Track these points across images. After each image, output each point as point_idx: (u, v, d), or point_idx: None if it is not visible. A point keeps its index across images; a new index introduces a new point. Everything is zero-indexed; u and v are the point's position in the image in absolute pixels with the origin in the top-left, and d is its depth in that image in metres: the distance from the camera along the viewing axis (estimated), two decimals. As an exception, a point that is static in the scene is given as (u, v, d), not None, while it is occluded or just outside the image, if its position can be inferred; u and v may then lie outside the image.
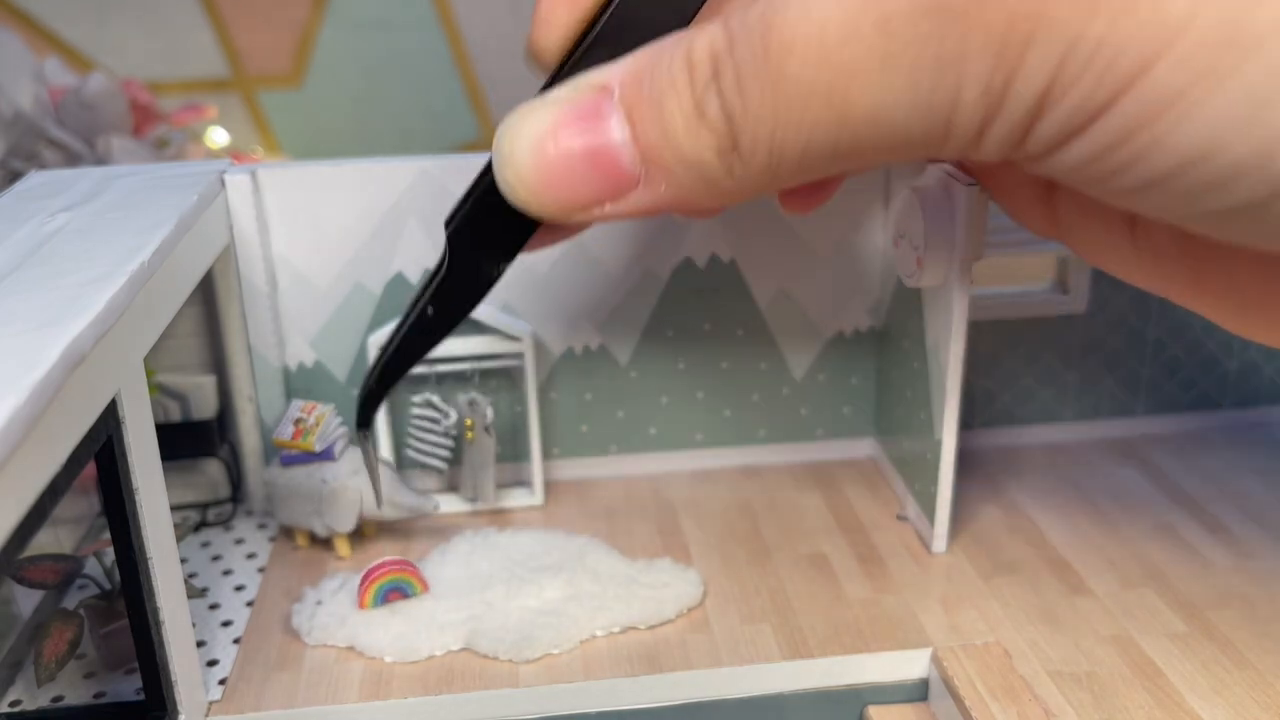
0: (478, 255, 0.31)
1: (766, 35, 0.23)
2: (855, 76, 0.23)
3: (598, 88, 0.26)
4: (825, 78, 0.23)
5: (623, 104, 0.26)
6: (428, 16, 0.91)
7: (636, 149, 0.26)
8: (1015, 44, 0.21)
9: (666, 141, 0.25)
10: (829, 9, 0.23)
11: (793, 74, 0.23)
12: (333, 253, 0.45)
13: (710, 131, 0.25)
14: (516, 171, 0.27)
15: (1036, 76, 0.22)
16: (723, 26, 0.24)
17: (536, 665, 0.38)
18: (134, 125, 0.77)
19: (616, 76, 0.26)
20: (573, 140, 0.26)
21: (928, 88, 0.22)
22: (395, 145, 0.93)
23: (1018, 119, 0.23)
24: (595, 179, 0.26)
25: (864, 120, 0.23)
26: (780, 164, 0.25)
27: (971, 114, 0.23)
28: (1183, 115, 0.21)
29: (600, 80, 0.26)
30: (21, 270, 0.31)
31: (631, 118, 0.25)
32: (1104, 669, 0.37)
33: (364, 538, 0.45)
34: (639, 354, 0.48)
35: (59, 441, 0.27)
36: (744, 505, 0.48)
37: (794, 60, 0.23)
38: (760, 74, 0.23)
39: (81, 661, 0.38)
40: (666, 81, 0.25)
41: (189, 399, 0.46)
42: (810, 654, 0.38)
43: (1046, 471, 0.50)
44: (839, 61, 0.23)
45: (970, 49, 0.22)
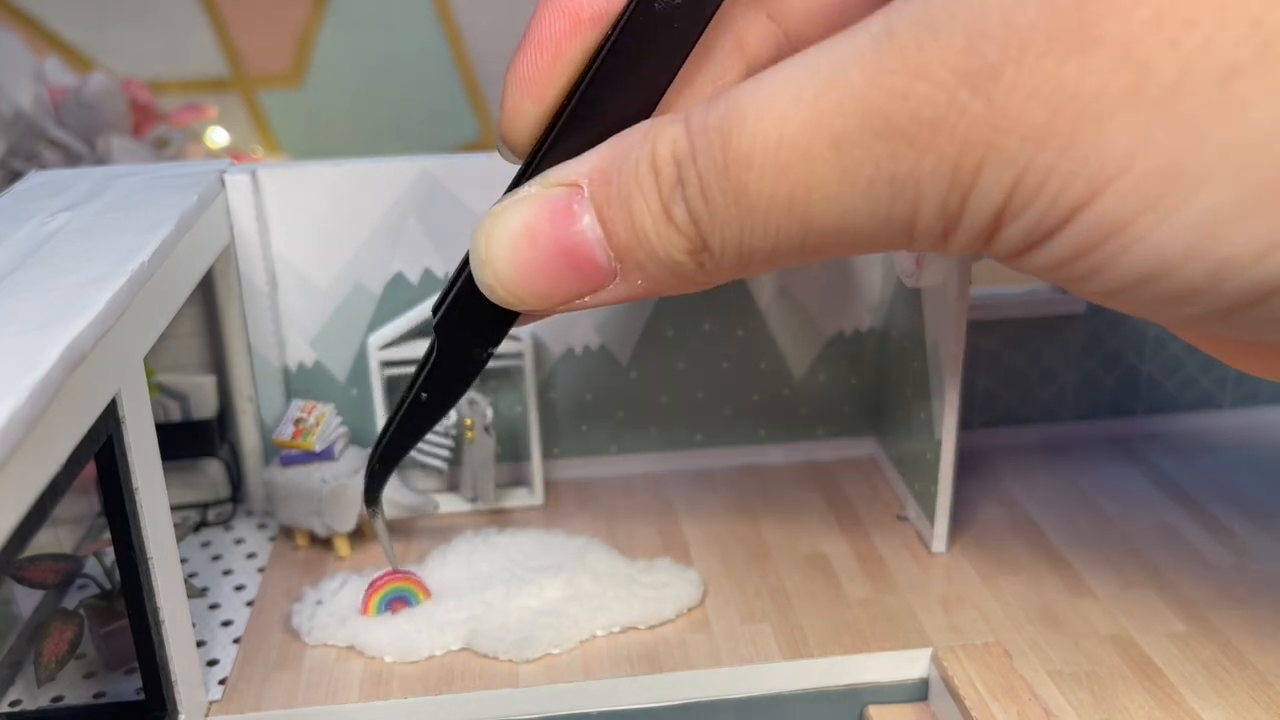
0: (465, 341, 0.32)
1: (725, 146, 0.24)
2: (814, 190, 0.23)
3: (568, 184, 0.27)
4: (784, 191, 0.23)
5: (593, 202, 0.26)
6: (428, 16, 0.91)
7: (610, 246, 0.26)
8: (966, 170, 0.22)
9: (638, 242, 0.26)
10: (783, 125, 0.23)
11: (753, 186, 0.24)
12: (333, 253, 0.45)
13: (680, 234, 0.25)
14: (495, 273, 0.28)
15: (990, 197, 0.22)
16: (685, 129, 0.25)
17: (536, 665, 0.38)
18: (134, 125, 0.77)
19: (585, 174, 0.26)
20: (547, 240, 0.27)
21: (885, 203, 0.23)
22: (395, 145, 0.93)
23: (976, 231, 0.23)
24: (572, 276, 0.27)
25: (826, 228, 0.24)
26: (750, 262, 0.25)
27: (930, 226, 0.23)
28: (1133, 240, 0.21)
29: (569, 177, 0.27)
30: (21, 270, 0.31)
31: (602, 217, 0.26)
32: (1104, 669, 0.37)
33: (364, 538, 0.45)
34: (639, 354, 0.48)
35: (59, 441, 0.27)
36: (744, 505, 0.48)
37: (753, 173, 0.23)
38: (722, 184, 0.24)
39: (81, 661, 0.38)
40: (634, 184, 0.25)
41: (189, 399, 0.46)
42: (810, 654, 0.38)
43: (1047, 471, 0.50)
44: (796, 176, 0.23)
45: (923, 170, 0.22)
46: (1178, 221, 0.21)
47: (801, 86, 0.23)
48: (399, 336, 0.45)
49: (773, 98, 0.23)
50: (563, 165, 0.27)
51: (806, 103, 0.23)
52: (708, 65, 0.31)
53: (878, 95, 0.22)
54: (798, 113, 0.23)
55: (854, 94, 0.22)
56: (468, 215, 0.45)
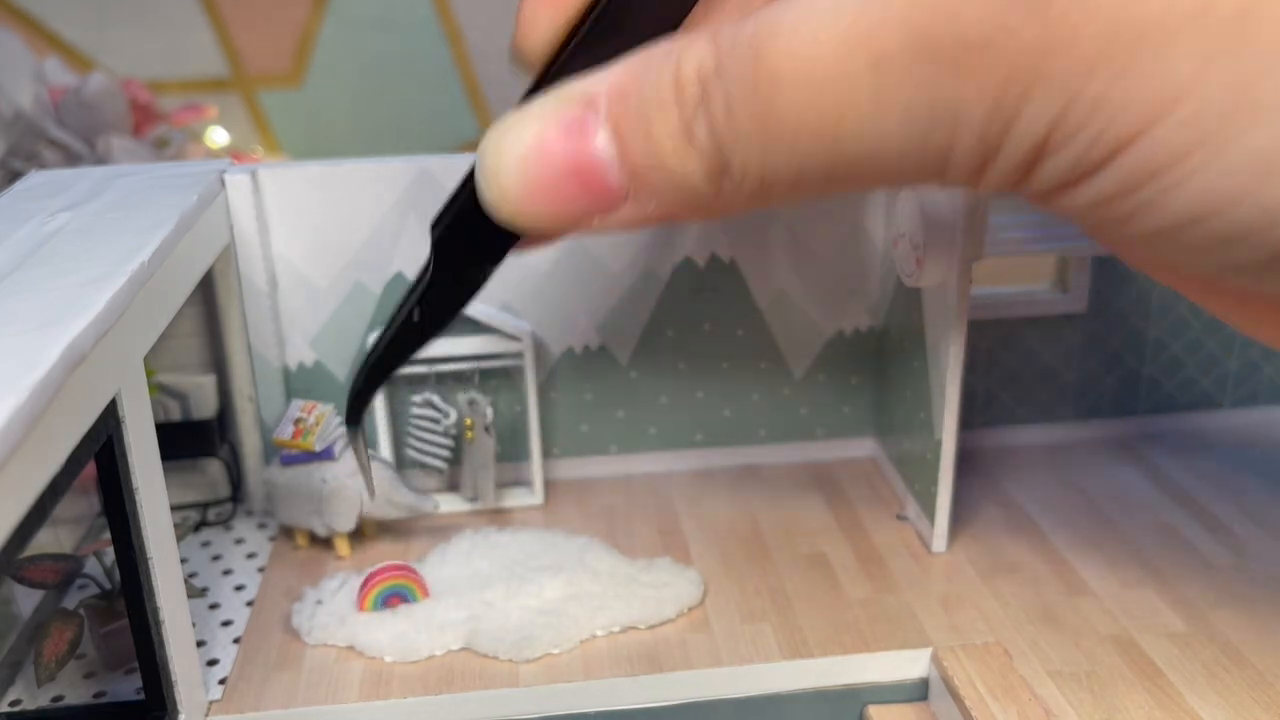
0: (463, 259, 0.30)
1: (756, 64, 0.23)
2: (846, 112, 0.22)
3: (583, 101, 0.25)
4: (815, 111, 0.22)
5: (609, 119, 0.25)
6: (428, 16, 0.91)
7: (623, 167, 0.25)
8: (1011, 96, 0.21)
9: (654, 162, 0.24)
10: (820, 42, 0.22)
11: (782, 105, 0.22)
12: (333, 252, 0.45)
13: (699, 155, 0.24)
14: (501, 187, 0.26)
15: (1033, 128, 0.21)
16: (712, 45, 0.23)
17: (536, 665, 0.38)
18: (134, 125, 0.77)
19: (602, 89, 0.25)
20: (557, 157, 0.25)
21: (922, 130, 0.22)
22: (395, 145, 0.93)
23: (1014, 164, 0.22)
24: (581, 196, 0.26)
25: (856, 154, 0.23)
26: (772, 188, 0.24)
27: (967, 157, 0.22)
28: (1183, 176, 0.21)
29: (585, 92, 0.25)
30: (22, 270, 0.31)
31: (618, 134, 0.25)
32: (1104, 669, 0.37)
33: (364, 537, 0.45)
34: (639, 354, 0.48)
35: (59, 441, 0.27)
36: (744, 505, 0.48)
37: (783, 92, 0.22)
38: (749, 102, 0.23)
39: (81, 661, 0.38)
40: (654, 100, 0.24)
41: (189, 399, 0.46)
42: (810, 654, 0.38)
43: (1046, 471, 0.50)
44: (829, 97, 0.22)
45: (966, 96, 0.21)
46: (1234, 157, 0.20)
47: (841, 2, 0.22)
48: (399, 336, 0.45)
49: (809, 14, 0.22)
50: (580, 80, 0.25)
51: (846, 20, 0.22)
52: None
53: (922, 14, 0.21)
54: (835, 30, 0.22)
55: (897, 12, 0.21)
56: (468, 215, 0.45)
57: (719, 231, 0.46)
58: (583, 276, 0.47)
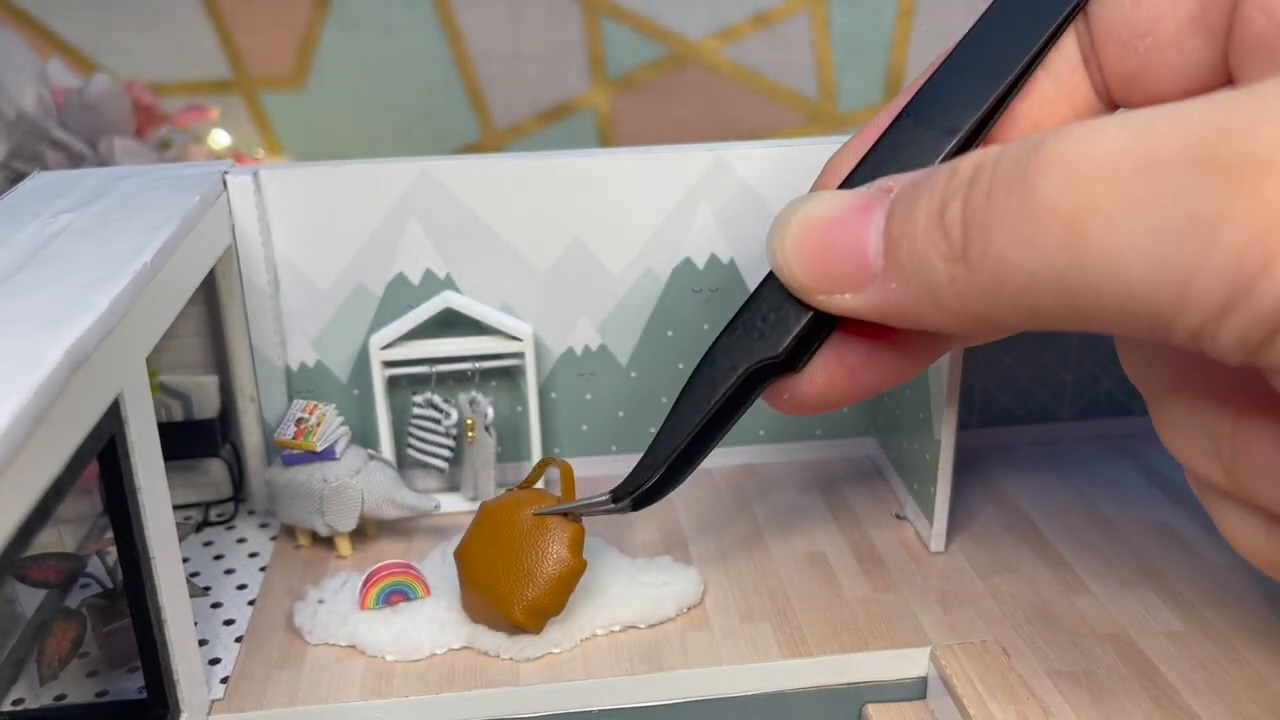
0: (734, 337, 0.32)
1: (1034, 152, 0.23)
2: (1098, 211, 0.21)
3: (881, 187, 0.27)
4: (1068, 204, 0.22)
5: (893, 202, 0.27)
6: (429, 18, 0.91)
7: (884, 242, 0.26)
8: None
9: (904, 236, 0.26)
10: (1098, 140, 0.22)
11: (1040, 193, 0.22)
12: (334, 253, 0.45)
13: (944, 235, 0.25)
14: (784, 239, 0.29)
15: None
16: (1003, 146, 0.24)
17: (537, 664, 0.38)
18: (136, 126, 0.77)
19: (902, 180, 0.27)
20: (835, 224, 0.27)
21: (1172, 244, 0.21)
22: (396, 146, 0.93)
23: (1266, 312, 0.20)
24: (843, 264, 0.27)
25: (1094, 264, 0.22)
26: (1002, 287, 0.24)
27: (1212, 288, 0.20)
28: None
29: (888, 181, 0.27)
30: (25, 271, 0.31)
31: (892, 211, 0.26)
32: (1102, 668, 0.37)
33: (365, 537, 0.45)
34: (639, 354, 0.48)
35: (62, 441, 0.27)
36: (744, 505, 0.48)
37: (1045, 180, 0.22)
38: (1011, 186, 0.23)
39: (84, 660, 0.38)
40: (928, 185, 0.25)
41: (191, 399, 0.46)
42: (809, 652, 0.38)
43: (1045, 470, 0.50)
44: (1087, 193, 0.22)
45: (1232, 215, 0.20)
46: None
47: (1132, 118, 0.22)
48: (400, 337, 0.46)
49: (1098, 124, 0.22)
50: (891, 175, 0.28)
51: (1131, 129, 0.21)
52: None
53: (1211, 131, 0.20)
54: (1118, 136, 0.22)
55: (1186, 127, 0.21)
56: (469, 216, 0.45)
57: (719, 231, 0.46)
58: (583, 276, 0.47)
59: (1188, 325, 0.21)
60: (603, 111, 0.95)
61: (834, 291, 0.28)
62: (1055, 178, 0.22)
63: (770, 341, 0.31)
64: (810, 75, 0.95)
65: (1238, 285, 0.20)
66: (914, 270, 0.26)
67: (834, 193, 0.28)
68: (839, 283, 0.28)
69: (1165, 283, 0.21)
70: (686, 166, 0.45)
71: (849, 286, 0.27)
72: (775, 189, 0.46)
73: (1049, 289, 0.23)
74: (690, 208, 0.46)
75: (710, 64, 0.94)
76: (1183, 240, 0.20)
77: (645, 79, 0.94)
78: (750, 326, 0.31)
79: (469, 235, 0.45)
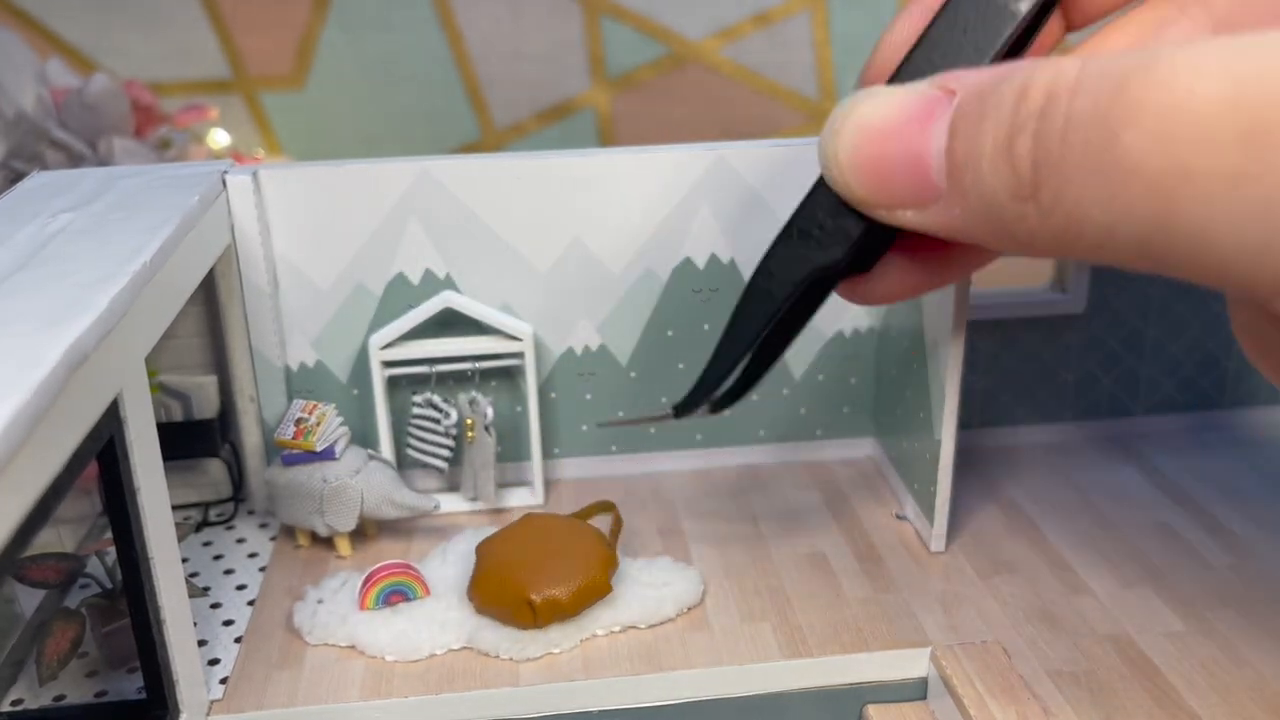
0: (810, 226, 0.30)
1: (1117, 92, 0.20)
2: (1193, 182, 0.19)
3: (944, 89, 0.24)
4: (1158, 164, 0.20)
5: (955, 112, 0.24)
6: (428, 17, 0.91)
7: (946, 161, 0.24)
8: None
9: (969, 163, 0.23)
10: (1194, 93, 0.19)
11: (1127, 142, 0.20)
12: (334, 253, 0.45)
13: (1012, 171, 0.22)
14: (835, 150, 0.26)
15: None
16: (1080, 64, 0.21)
17: (537, 664, 0.38)
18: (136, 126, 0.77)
19: (965, 83, 0.24)
20: (893, 135, 0.25)
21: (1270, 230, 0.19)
22: (396, 146, 0.94)
23: None
24: (903, 180, 0.25)
25: (1186, 230, 0.20)
26: (1078, 237, 0.22)
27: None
28: None
29: (947, 82, 0.25)
30: (24, 271, 0.31)
31: (954, 128, 0.24)
32: (1102, 668, 0.37)
33: (365, 537, 0.45)
34: (639, 354, 0.48)
35: (61, 441, 0.27)
36: (744, 505, 0.48)
37: (1129, 132, 0.20)
38: (1092, 128, 0.20)
39: (83, 660, 0.38)
40: (995, 102, 0.23)
41: (191, 399, 0.46)
42: (809, 653, 0.38)
43: (1045, 471, 0.50)
44: (1182, 154, 0.19)
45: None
46: None
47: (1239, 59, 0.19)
48: (400, 336, 0.46)
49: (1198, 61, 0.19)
50: (955, 71, 0.25)
51: (1235, 80, 0.19)
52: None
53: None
54: (1220, 87, 0.19)
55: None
56: (468, 216, 0.45)
57: (719, 231, 0.46)
58: (583, 276, 0.47)
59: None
60: (603, 111, 0.95)
61: (895, 207, 0.26)
62: (1142, 132, 0.20)
63: (830, 251, 0.29)
64: (810, 75, 0.95)
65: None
66: (980, 201, 0.23)
67: (890, 92, 0.25)
68: (900, 198, 0.25)
69: (1264, 265, 0.19)
70: (686, 166, 0.45)
71: (911, 203, 0.25)
72: (775, 189, 0.46)
73: (1131, 247, 0.21)
74: (690, 208, 0.46)
75: (710, 64, 0.94)
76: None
77: (645, 79, 0.94)
78: (806, 235, 0.29)
79: (469, 235, 0.45)
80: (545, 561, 0.39)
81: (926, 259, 0.30)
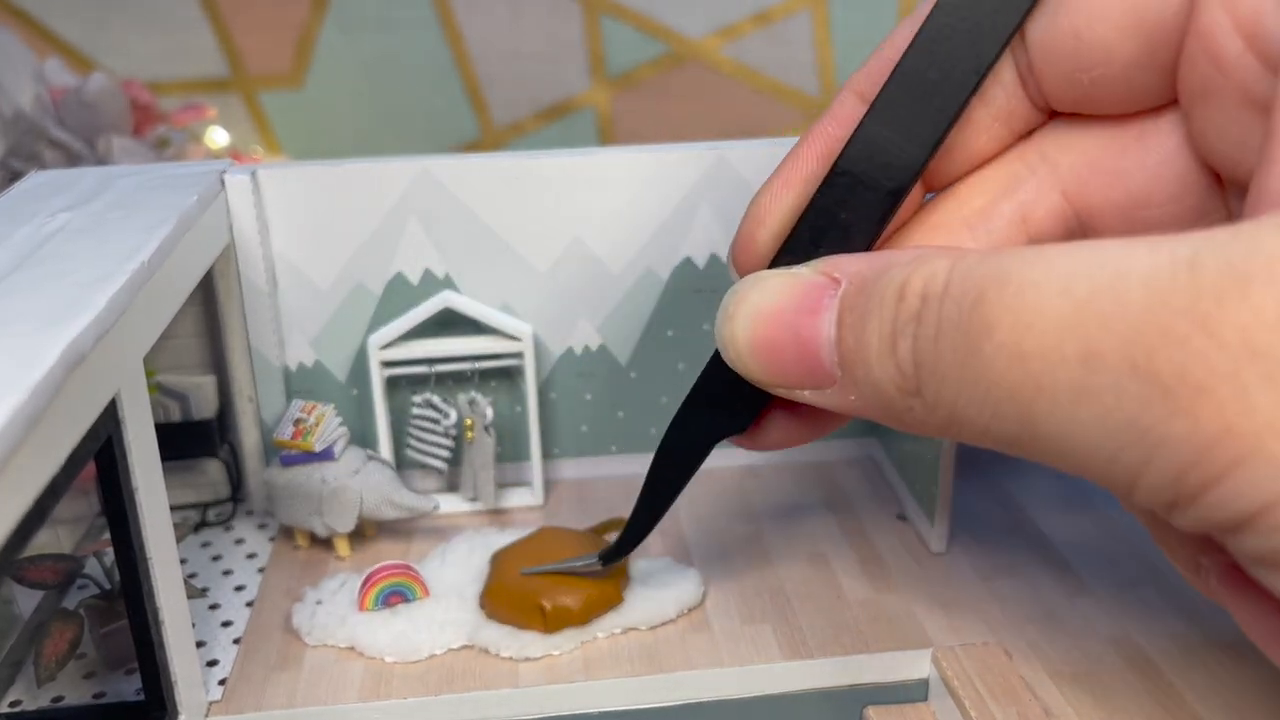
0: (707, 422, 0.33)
1: (975, 305, 0.22)
2: (1043, 393, 0.21)
3: (827, 275, 0.26)
4: (1014, 378, 0.21)
5: (841, 303, 0.25)
6: (428, 16, 0.91)
7: (838, 352, 0.25)
8: (1221, 460, 0.19)
9: (858, 359, 0.25)
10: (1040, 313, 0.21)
11: (987, 355, 0.21)
12: (333, 253, 0.45)
13: (897, 369, 0.24)
14: (732, 333, 0.28)
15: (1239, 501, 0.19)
16: (948, 269, 0.23)
17: (537, 665, 0.38)
18: (134, 125, 0.77)
19: (848, 271, 0.26)
20: (787, 325, 0.26)
21: (1114, 444, 0.20)
22: (395, 145, 0.93)
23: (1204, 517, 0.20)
24: (796, 365, 0.26)
25: (1046, 435, 0.21)
26: (960, 431, 0.23)
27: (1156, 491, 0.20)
28: None
29: (833, 269, 0.26)
30: (22, 270, 0.31)
31: (840, 320, 0.25)
32: (1104, 669, 0.37)
33: (364, 538, 0.45)
34: (639, 354, 0.48)
35: (59, 441, 0.27)
36: (744, 505, 0.48)
37: (990, 345, 0.21)
38: (955, 339, 0.22)
39: (81, 661, 0.38)
40: (877, 300, 0.24)
41: (189, 399, 0.46)
42: (810, 654, 0.38)
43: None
44: (1031, 370, 0.21)
45: (1170, 435, 0.19)
46: None
47: (1076, 280, 0.20)
48: (399, 337, 0.45)
49: (1042, 280, 0.21)
50: (837, 256, 0.26)
51: (1074, 302, 0.20)
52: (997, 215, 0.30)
53: (1151, 329, 0.19)
54: (1060, 308, 0.20)
55: (1127, 315, 0.20)
56: (468, 215, 0.45)
57: (719, 231, 0.46)
58: (583, 276, 0.47)
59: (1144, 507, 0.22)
60: (603, 110, 0.95)
61: (793, 388, 0.27)
62: (996, 347, 0.21)
63: (739, 418, 0.33)
64: (811, 74, 0.95)
65: (1181, 497, 0.20)
66: (871, 392, 0.25)
67: (779, 280, 0.27)
68: (797, 381, 0.27)
69: (1116, 473, 0.21)
70: (687, 166, 0.45)
71: (808, 385, 0.27)
72: (776, 188, 0.46)
73: (1005, 444, 0.23)
74: (690, 207, 0.46)
75: (711, 62, 0.94)
76: (1124, 444, 0.20)
77: (645, 78, 0.94)
78: (715, 403, 0.33)
79: (468, 235, 0.45)
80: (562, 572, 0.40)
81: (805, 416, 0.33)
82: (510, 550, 0.42)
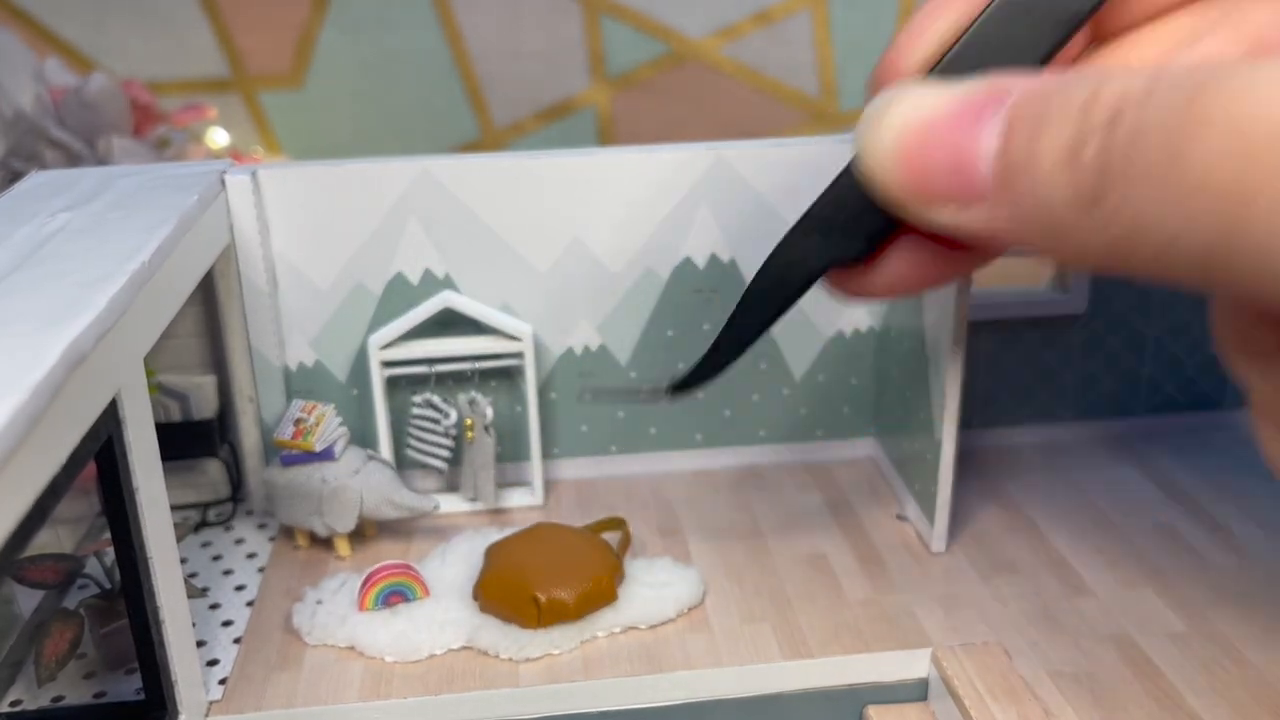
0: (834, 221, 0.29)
1: (1188, 103, 0.20)
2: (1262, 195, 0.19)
3: (994, 90, 0.24)
4: (1227, 177, 0.19)
5: (1010, 114, 0.23)
6: (428, 16, 0.91)
7: (998, 163, 0.24)
8: None
9: (1027, 167, 0.23)
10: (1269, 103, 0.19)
11: (1195, 154, 0.20)
12: (333, 253, 0.45)
13: (1073, 178, 0.22)
14: (878, 139, 0.26)
15: None
16: (1150, 76, 0.21)
17: (537, 665, 0.38)
18: (134, 125, 0.77)
19: (1019, 86, 0.24)
20: (942, 132, 0.24)
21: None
22: (395, 145, 0.93)
23: None
24: (946, 178, 0.24)
25: (1252, 245, 0.19)
26: (1135, 248, 0.21)
27: None
28: None
29: (1000, 84, 0.24)
30: (22, 270, 0.31)
31: (1009, 130, 0.23)
32: (1103, 669, 0.37)
33: (364, 538, 0.45)
34: (639, 354, 0.48)
35: (59, 441, 0.27)
36: (744, 505, 0.48)
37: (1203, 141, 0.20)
38: (1161, 138, 0.20)
39: (82, 661, 0.38)
40: (1058, 109, 0.22)
41: (189, 399, 0.46)
42: (810, 654, 0.38)
43: (1046, 471, 0.50)
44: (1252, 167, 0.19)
45: None
46: None
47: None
48: (399, 336, 0.45)
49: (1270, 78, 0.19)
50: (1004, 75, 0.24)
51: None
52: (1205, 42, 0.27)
53: None
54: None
55: None
56: (468, 215, 0.45)
57: (719, 231, 0.46)
58: (583, 276, 0.47)
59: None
60: (603, 110, 0.95)
61: (934, 204, 0.25)
62: (1214, 143, 0.19)
63: (850, 245, 0.29)
64: (811, 74, 0.95)
65: None
66: (1034, 207, 0.23)
67: (937, 88, 0.25)
68: (940, 197, 0.25)
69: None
70: (686, 166, 0.45)
71: (955, 199, 0.24)
72: (776, 188, 0.46)
73: (1191, 258, 0.21)
74: (690, 207, 0.46)
75: (711, 62, 0.94)
76: None
77: (645, 77, 0.94)
78: (827, 229, 0.29)
79: (468, 235, 0.45)
80: (553, 564, 0.40)
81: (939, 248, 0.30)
82: (505, 543, 0.42)
